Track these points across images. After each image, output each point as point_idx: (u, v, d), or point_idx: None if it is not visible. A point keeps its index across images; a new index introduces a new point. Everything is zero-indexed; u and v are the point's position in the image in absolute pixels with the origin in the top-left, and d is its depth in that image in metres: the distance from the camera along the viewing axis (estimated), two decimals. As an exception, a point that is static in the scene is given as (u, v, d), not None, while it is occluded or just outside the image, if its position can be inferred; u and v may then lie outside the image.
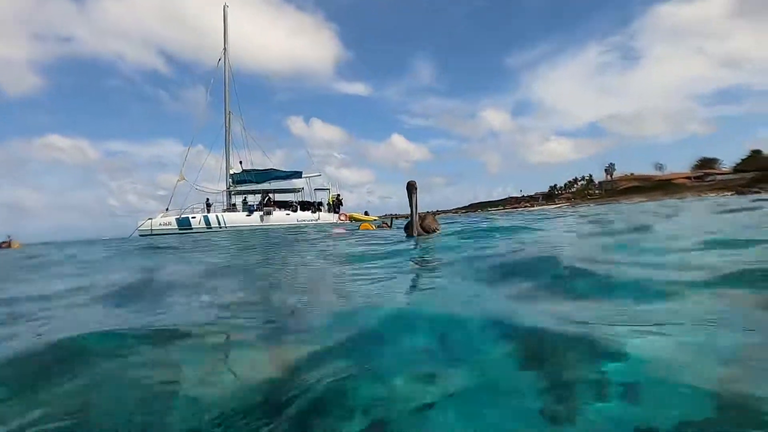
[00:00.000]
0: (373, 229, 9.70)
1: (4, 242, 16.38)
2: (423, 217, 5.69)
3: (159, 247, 8.30)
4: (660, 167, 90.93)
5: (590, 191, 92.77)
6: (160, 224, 24.55)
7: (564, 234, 5.30)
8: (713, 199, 22.87)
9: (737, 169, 76.08)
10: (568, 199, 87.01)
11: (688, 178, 79.90)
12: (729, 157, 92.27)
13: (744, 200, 13.70)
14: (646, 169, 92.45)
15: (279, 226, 23.57)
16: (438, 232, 5.67)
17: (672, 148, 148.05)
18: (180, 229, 24.35)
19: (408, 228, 5.59)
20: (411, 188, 5.54)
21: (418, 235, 5.40)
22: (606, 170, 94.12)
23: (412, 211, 5.49)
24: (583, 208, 19.67)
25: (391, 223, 7.25)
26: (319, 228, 14.72)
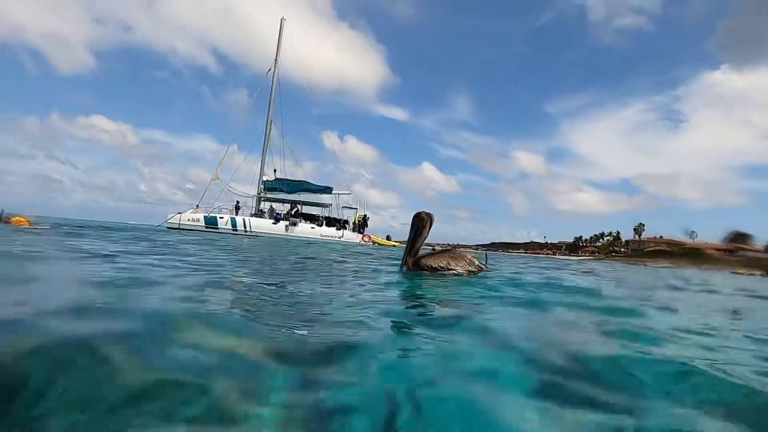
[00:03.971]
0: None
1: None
2: (438, 253, 4.95)
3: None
4: (692, 235, 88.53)
5: (616, 248, 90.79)
6: (189, 220, 24.98)
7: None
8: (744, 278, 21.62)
9: (771, 248, 73.47)
10: (592, 252, 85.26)
11: (719, 249, 77.46)
12: (763, 233, 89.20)
13: None
14: (674, 233, 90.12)
15: (303, 239, 23.69)
16: (450, 272, 4.72)
17: (704, 215, 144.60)
18: (207, 227, 24.71)
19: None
20: (415, 220, 4.99)
21: (407, 270, 4.81)
22: (635, 229, 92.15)
23: (408, 241, 4.98)
24: (611, 267, 18.50)
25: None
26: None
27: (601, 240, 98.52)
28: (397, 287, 3.55)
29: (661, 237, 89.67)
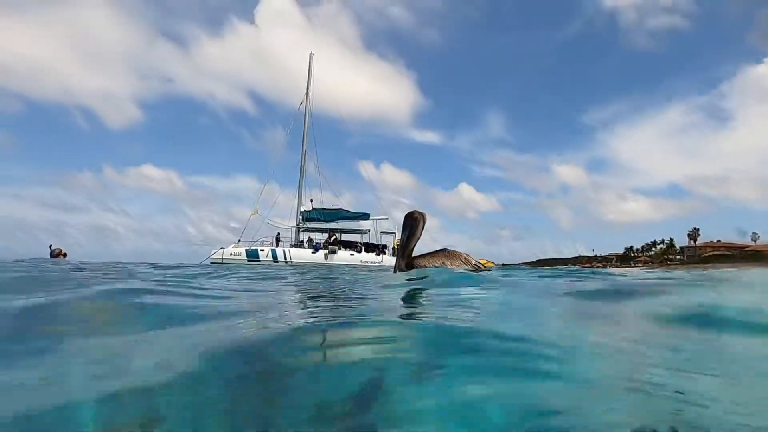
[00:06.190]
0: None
1: (56, 250, 14.47)
2: (432, 253, 4.93)
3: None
4: (753, 236, 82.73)
5: (670, 256, 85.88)
6: (231, 254, 25.45)
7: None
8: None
9: None
10: (645, 262, 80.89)
11: (787, 250, 71.65)
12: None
13: None
14: (732, 236, 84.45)
15: (342, 266, 23.57)
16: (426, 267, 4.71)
17: (766, 216, 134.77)
18: (248, 261, 25.04)
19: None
20: (407, 220, 4.96)
21: (400, 270, 4.82)
22: (689, 235, 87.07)
23: (401, 243, 4.99)
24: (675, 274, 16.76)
25: None
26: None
27: (653, 248, 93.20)
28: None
29: (718, 241, 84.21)
